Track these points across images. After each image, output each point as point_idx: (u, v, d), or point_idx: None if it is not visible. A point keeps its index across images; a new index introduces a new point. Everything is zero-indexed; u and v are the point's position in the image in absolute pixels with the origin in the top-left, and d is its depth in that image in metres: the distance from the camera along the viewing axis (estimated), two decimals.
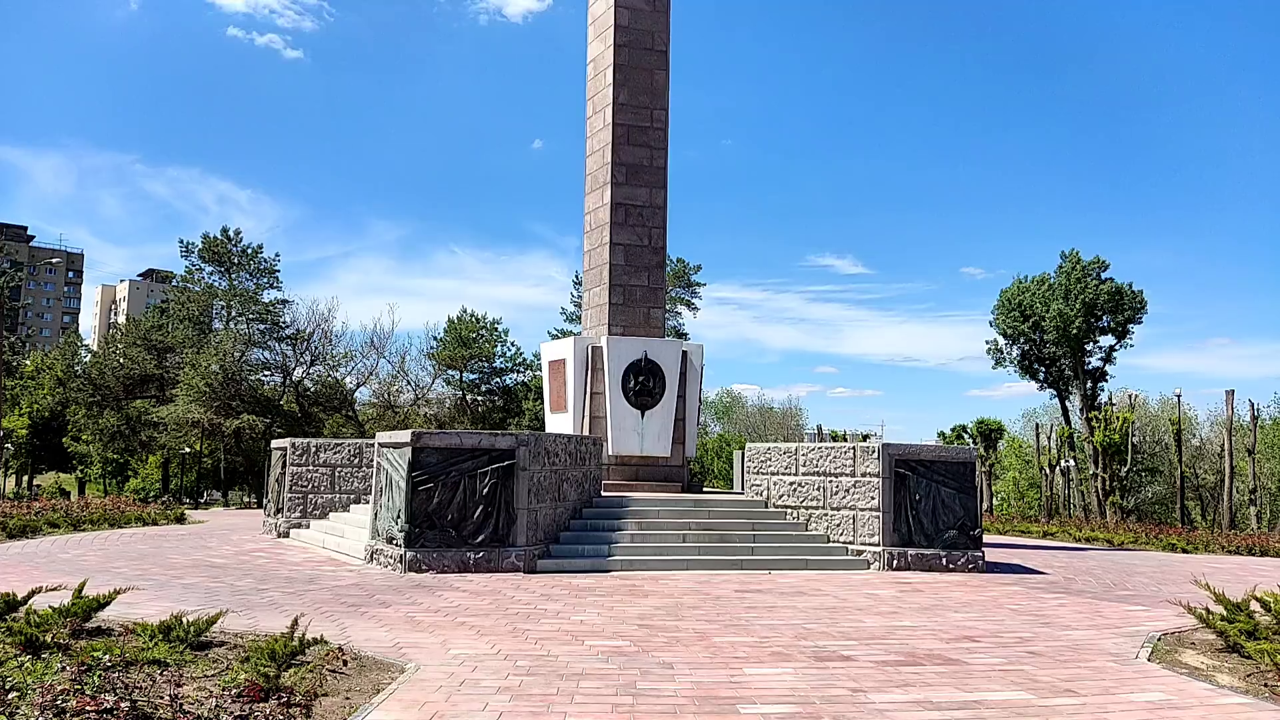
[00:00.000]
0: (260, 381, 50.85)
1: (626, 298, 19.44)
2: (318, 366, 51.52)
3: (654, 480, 18.59)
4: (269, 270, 53.57)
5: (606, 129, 19.59)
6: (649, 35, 19.79)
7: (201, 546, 16.48)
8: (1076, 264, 54.60)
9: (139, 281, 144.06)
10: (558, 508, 14.26)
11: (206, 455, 54.48)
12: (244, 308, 51.86)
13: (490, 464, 13.19)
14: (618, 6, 19.56)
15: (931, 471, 14.86)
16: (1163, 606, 11.14)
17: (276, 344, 51.35)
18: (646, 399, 18.64)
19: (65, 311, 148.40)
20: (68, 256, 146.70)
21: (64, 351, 61.14)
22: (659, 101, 19.80)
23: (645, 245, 19.61)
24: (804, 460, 15.74)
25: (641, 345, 18.74)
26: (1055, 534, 25.40)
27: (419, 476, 12.94)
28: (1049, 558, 18.08)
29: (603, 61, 19.92)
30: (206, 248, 52.85)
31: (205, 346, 48.55)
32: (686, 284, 58.57)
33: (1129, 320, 53.40)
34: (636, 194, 19.58)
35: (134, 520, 22.20)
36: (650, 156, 19.72)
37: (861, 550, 14.71)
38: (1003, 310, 56.64)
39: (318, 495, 18.39)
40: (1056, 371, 55.84)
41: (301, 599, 10.25)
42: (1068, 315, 52.59)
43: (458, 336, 54.77)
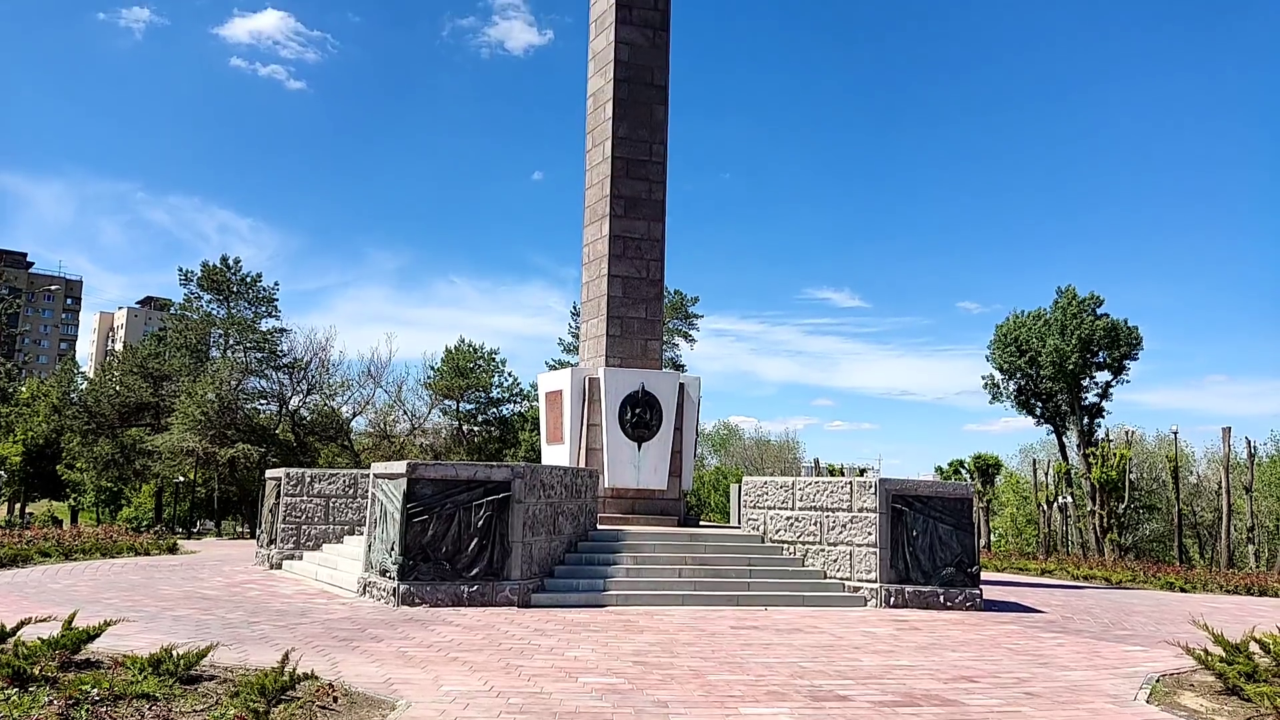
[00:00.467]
0: (256, 410, 50.72)
1: (624, 329, 19.47)
2: (314, 396, 51.42)
3: (650, 513, 18.50)
4: (267, 299, 53.64)
5: (606, 162, 19.73)
6: (648, 70, 19.99)
7: (193, 578, 16.34)
8: (1072, 300, 54.82)
9: (137, 309, 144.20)
10: (553, 541, 14.17)
11: (200, 485, 54.18)
12: (241, 336, 51.86)
13: (485, 496, 13.12)
14: (618, 42, 19.78)
15: (929, 507, 14.80)
16: (1161, 647, 11.06)
17: (273, 373, 51.29)
18: (643, 431, 18.60)
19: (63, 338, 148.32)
20: (66, 283, 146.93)
21: (60, 378, 61.06)
22: (658, 135, 19.95)
23: (643, 277, 19.67)
24: (801, 495, 15.67)
25: (639, 377, 18.74)
26: (1053, 571, 25.26)
27: (414, 508, 12.87)
28: (1047, 596, 17.96)
29: (602, 96, 20.11)
30: (205, 276, 52.95)
31: (202, 375, 48.48)
32: (684, 315, 58.71)
33: (1125, 356, 53.51)
34: (635, 226, 19.68)
35: (126, 550, 22.02)
36: (649, 190, 19.85)
37: (858, 587, 14.60)
38: (999, 345, 56.76)
39: (311, 526, 18.27)
40: (1053, 407, 55.85)
41: (293, 632, 10.15)
42: (1064, 351, 52.70)
43: (455, 366, 54.75)
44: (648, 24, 20.01)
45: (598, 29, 20.61)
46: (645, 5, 20.00)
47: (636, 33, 19.91)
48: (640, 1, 19.96)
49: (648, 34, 20.00)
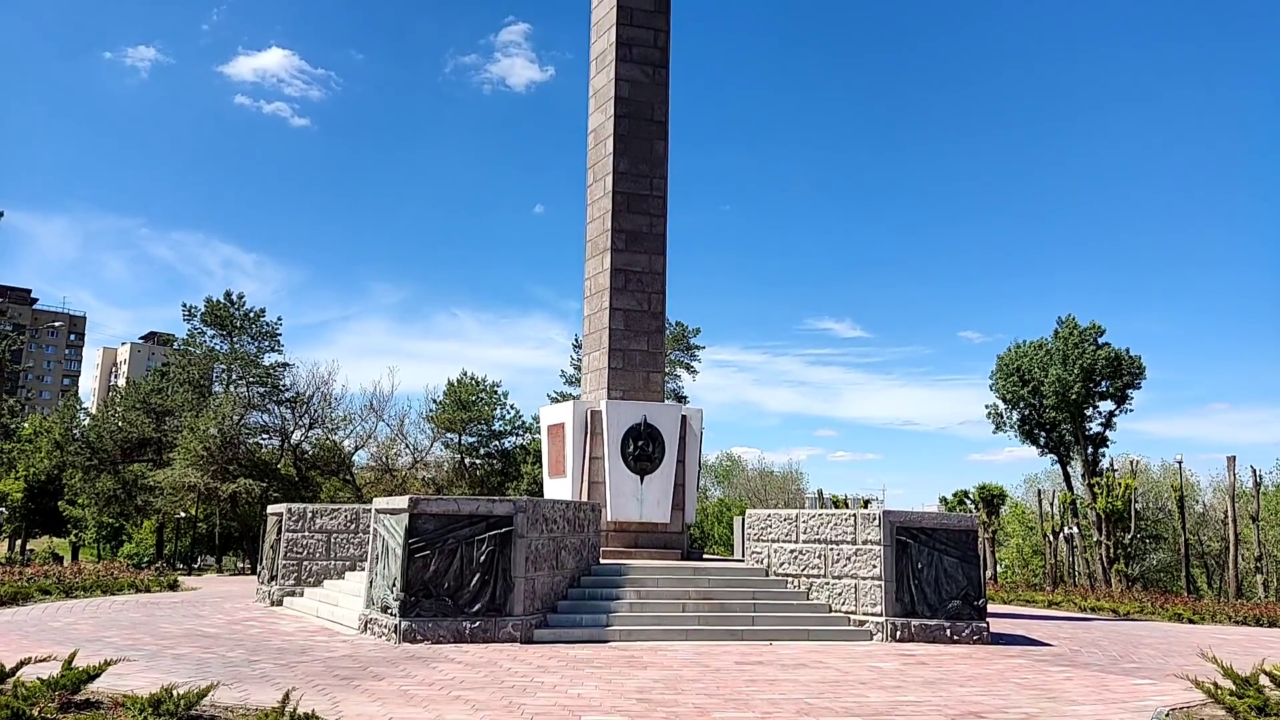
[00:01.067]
0: (258, 445, 50.63)
1: (626, 362, 19.49)
2: (316, 430, 51.37)
3: (653, 547, 18.40)
4: (270, 334, 53.73)
5: (607, 197, 19.87)
6: (648, 106, 20.20)
7: (194, 615, 16.24)
8: (1073, 329, 54.82)
9: (140, 344, 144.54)
10: (555, 576, 14.09)
11: (201, 520, 53.97)
12: (244, 371, 51.92)
13: (488, 530, 13.07)
14: (618, 79, 20.00)
15: (933, 540, 14.72)
16: (1170, 680, 10.94)
17: (276, 407, 51.27)
18: (646, 464, 18.56)
19: (66, 374, 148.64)
20: (70, 319, 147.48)
21: (63, 414, 60.97)
22: (658, 170, 20.11)
23: (645, 310, 19.73)
24: (805, 527, 15.60)
25: (641, 410, 18.73)
26: (1060, 603, 25.05)
27: (415, 543, 12.82)
28: (1054, 629, 17.80)
29: (603, 132, 20.30)
30: (209, 311, 53.10)
31: (204, 410, 48.47)
32: (686, 347, 58.71)
33: (1128, 385, 53.40)
34: (636, 260, 19.77)
35: (127, 587, 21.91)
36: (650, 223, 19.96)
37: (864, 621, 14.49)
38: (1001, 375, 56.69)
39: (312, 562, 18.18)
40: (1057, 437, 55.67)
41: (293, 671, 10.07)
42: (1066, 380, 52.62)
43: (457, 399, 54.70)
44: (647, 61, 20.25)
45: (598, 66, 20.86)
46: (645, 43, 20.26)
47: (636, 70, 20.14)
48: (640, 40, 20.22)
49: (647, 71, 20.23)
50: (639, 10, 20.28)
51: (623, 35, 20.10)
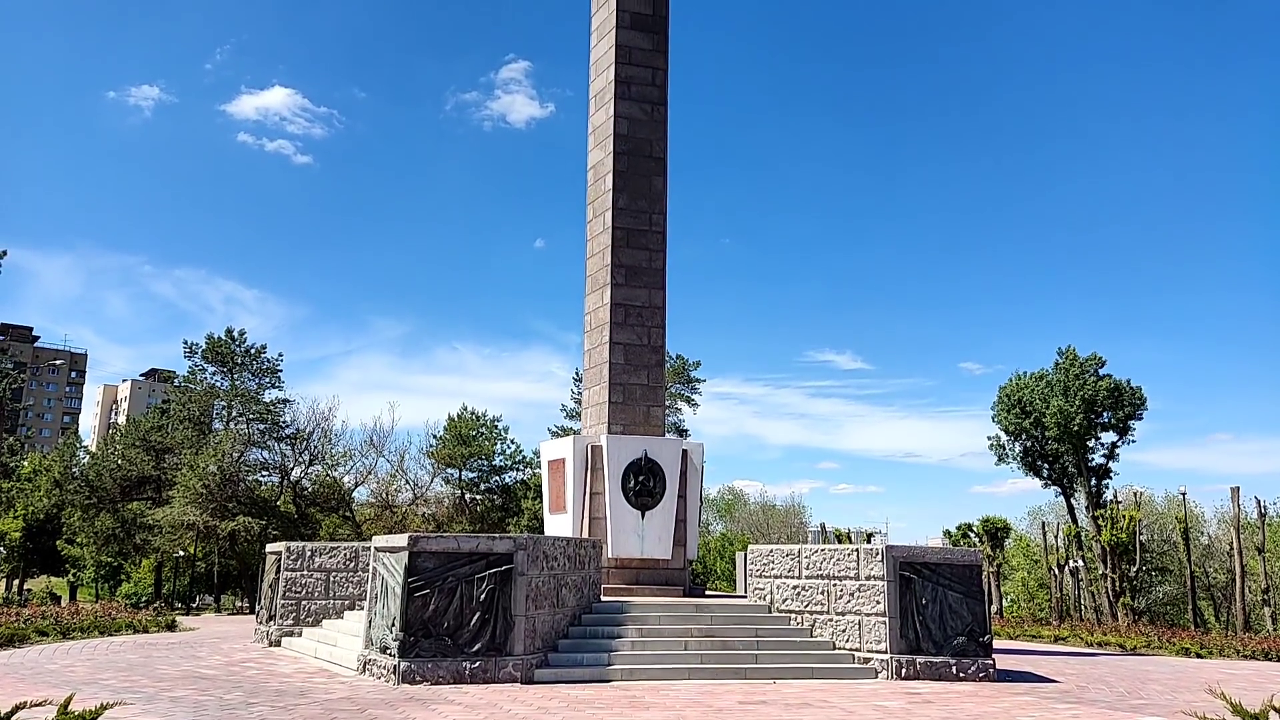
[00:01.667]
0: (258, 482, 50.44)
1: (626, 396, 19.48)
2: (316, 466, 51.21)
3: (655, 584, 18.26)
4: (271, 370, 53.77)
5: (606, 232, 19.97)
6: (647, 143, 20.37)
7: (191, 656, 16.08)
8: (1074, 361, 54.81)
9: (141, 381, 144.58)
10: (556, 614, 13.97)
11: (200, 559, 53.62)
12: (245, 408, 51.87)
13: (488, 568, 12.97)
14: (617, 116, 20.19)
15: (937, 575, 14.60)
16: (1178, 717, 10.79)
17: (276, 444, 51.16)
18: (647, 499, 18.47)
19: (66, 411, 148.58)
20: (71, 356, 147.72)
21: (62, 453, 60.80)
22: (657, 206, 20.24)
23: (645, 344, 19.75)
24: (807, 563, 15.48)
25: (641, 444, 18.68)
26: (1066, 638, 24.80)
27: (415, 582, 12.71)
28: (1061, 664, 17.61)
29: (603, 168, 20.45)
30: (210, 348, 53.18)
31: (204, 447, 48.37)
32: (686, 380, 58.67)
33: (1129, 417, 53.27)
34: (636, 295, 19.83)
35: (124, 627, 21.72)
36: (649, 258, 20.05)
37: (869, 658, 14.32)
38: (1003, 407, 56.59)
39: (311, 601, 18.02)
40: (1060, 468, 55.43)
41: (291, 714, 9.95)
42: (1068, 412, 52.51)
43: (457, 434, 54.58)
44: (646, 99, 20.45)
45: (597, 104, 21.06)
46: (643, 81, 20.48)
47: (635, 107, 20.34)
48: (638, 78, 20.45)
49: (646, 108, 20.43)
50: (637, 50, 20.53)
51: (621, 74, 20.33)
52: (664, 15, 20.89)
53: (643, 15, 20.68)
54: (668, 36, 20.88)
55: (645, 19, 20.69)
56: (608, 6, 20.83)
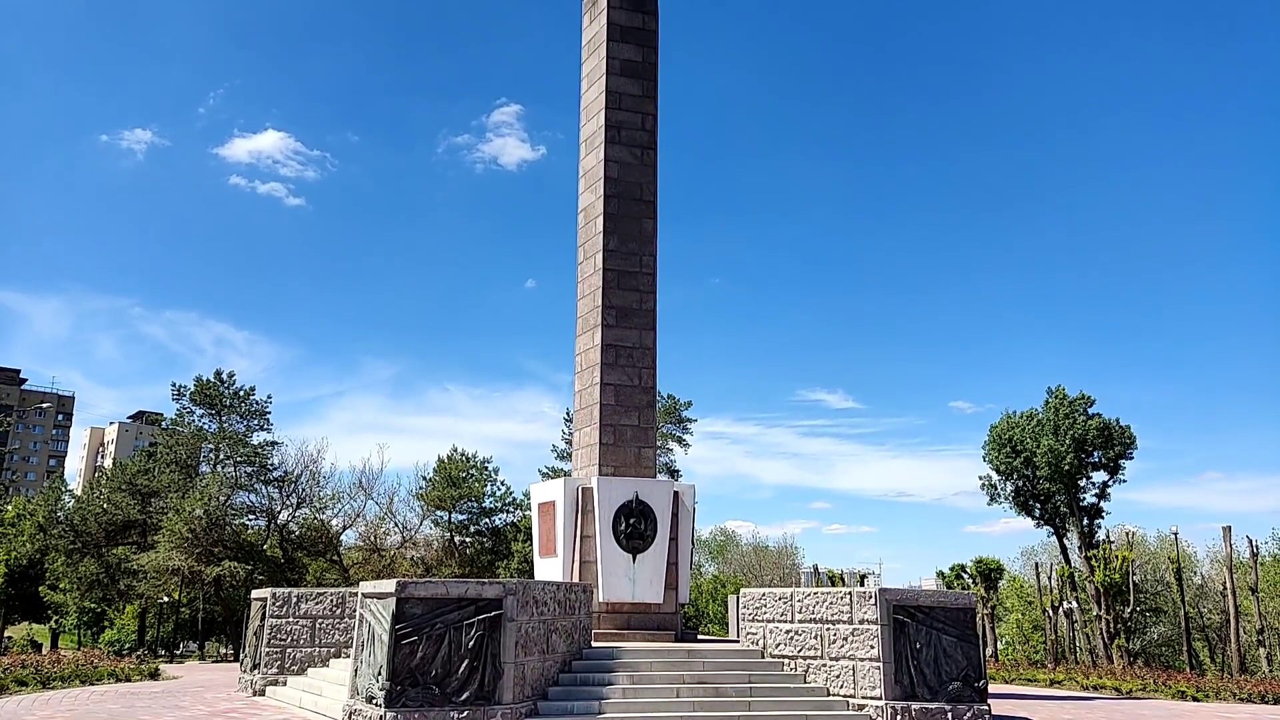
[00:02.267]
0: (244, 526, 49.87)
1: (617, 437, 19.40)
2: (304, 509, 50.68)
3: (646, 629, 18.04)
4: (260, 412, 53.42)
5: (597, 274, 20.04)
6: (637, 186, 20.53)
7: (174, 706, 15.75)
8: (1063, 400, 54.94)
9: (128, 424, 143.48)
10: (546, 660, 13.75)
11: (185, 605, 52.83)
12: (232, 450, 51.44)
13: (477, 614, 12.79)
14: (607, 160, 20.36)
15: (931, 618, 14.46)
16: None
17: (263, 486, 50.64)
18: (638, 542, 18.31)
19: (52, 454, 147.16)
20: (58, 399, 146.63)
21: (47, 496, 60.05)
22: (647, 248, 20.33)
23: (635, 385, 19.72)
24: (800, 606, 15.32)
25: (632, 486, 18.56)
26: (1062, 681, 24.55)
27: (402, 629, 12.51)
28: (1057, 709, 17.40)
29: (593, 211, 20.57)
30: (198, 390, 52.84)
31: (190, 491, 47.87)
32: (677, 420, 58.52)
33: (1120, 456, 53.30)
34: (626, 335, 19.85)
35: (106, 676, 21.29)
36: (640, 299, 20.10)
37: (863, 705, 14.12)
38: (993, 446, 56.57)
39: (297, 649, 17.72)
40: (1052, 508, 55.29)
41: None
42: (1059, 451, 52.53)
43: (447, 476, 54.17)
44: (636, 143, 20.65)
45: (588, 148, 21.25)
46: (633, 126, 20.69)
47: (625, 151, 20.52)
48: (628, 123, 20.66)
49: (636, 152, 20.62)
50: (627, 95, 20.77)
51: (612, 119, 20.54)
52: (653, 63, 21.17)
53: (632, 62, 20.96)
54: (657, 82, 21.15)
55: (635, 66, 20.96)
56: (598, 54, 21.11)
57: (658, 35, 21.35)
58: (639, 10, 21.24)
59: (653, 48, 21.23)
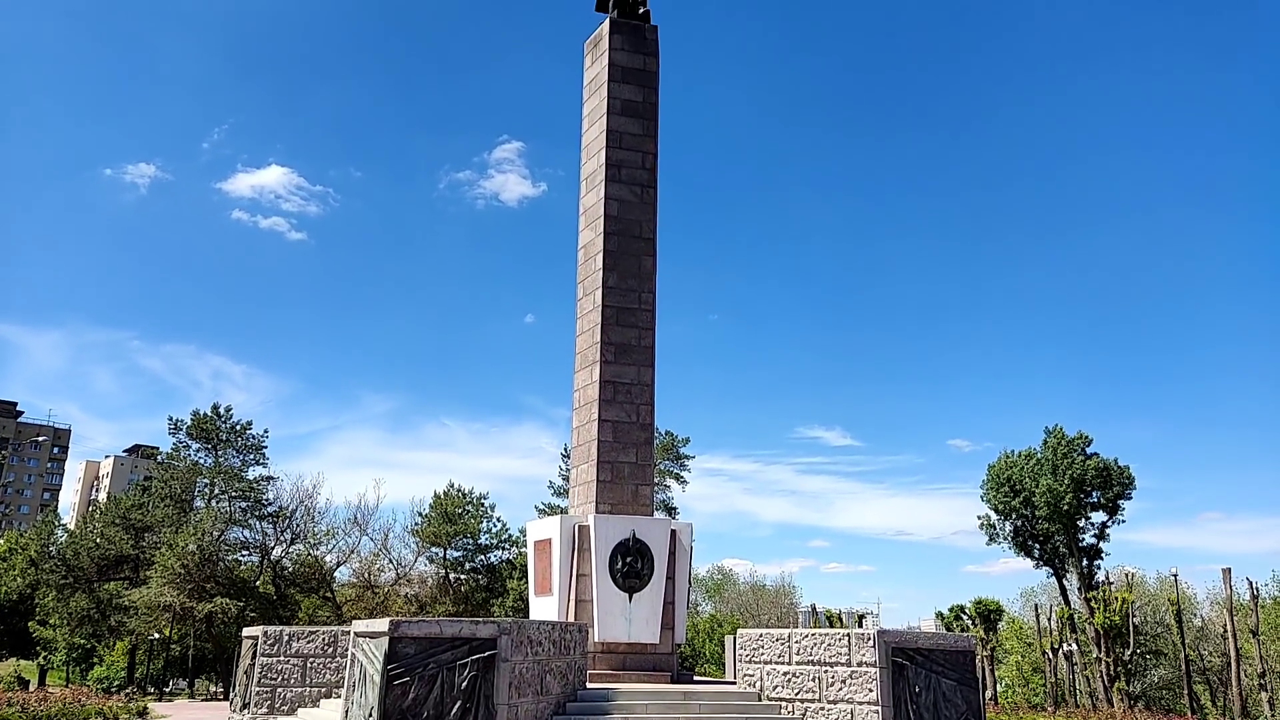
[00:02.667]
0: (237, 562, 49.44)
1: (615, 474, 19.30)
2: (298, 545, 50.29)
3: (642, 669, 17.81)
4: (256, 447, 53.21)
5: (596, 310, 20.07)
6: (637, 224, 20.63)
7: None
8: (1061, 439, 54.86)
9: (124, 457, 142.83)
10: (539, 702, 13.56)
11: (176, 641, 52.22)
12: (227, 485, 51.15)
13: (470, 654, 12.63)
14: (607, 198, 20.50)
15: (931, 661, 14.30)
16: None
17: (257, 522, 50.31)
18: (634, 581, 18.13)
19: (47, 488, 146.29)
20: (54, 432, 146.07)
21: (40, 531, 59.56)
22: (646, 285, 20.39)
23: (634, 422, 19.67)
24: (798, 648, 15.15)
25: (629, 524, 18.43)
26: None
27: (394, 669, 12.35)
28: None
29: (593, 248, 20.66)
30: (195, 424, 52.68)
31: (184, 526, 47.53)
32: (675, 456, 58.36)
33: (1119, 496, 53.12)
34: (625, 372, 19.83)
35: (94, 715, 21.00)
36: (638, 336, 20.11)
37: None
38: (992, 485, 56.38)
39: (287, 689, 17.48)
40: (1051, 548, 54.99)
41: None
42: (1057, 491, 52.35)
43: (443, 512, 53.84)
44: (636, 182, 20.80)
45: (589, 186, 21.40)
46: (633, 165, 20.86)
47: (625, 190, 20.66)
48: (629, 162, 20.82)
49: (636, 190, 20.76)
50: (628, 135, 20.96)
51: (612, 157, 20.71)
52: (654, 103, 21.39)
53: (633, 102, 21.18)
54: (657, 121, 21.35)
55: (635, 105, 21.18)
56: (599, 94, 21.34)
57: (658, 76, 21.60)
58: (640, 52, 21.50)
59: (653, 88, 21.46)
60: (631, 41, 21.46)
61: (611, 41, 21.26)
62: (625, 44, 21.39)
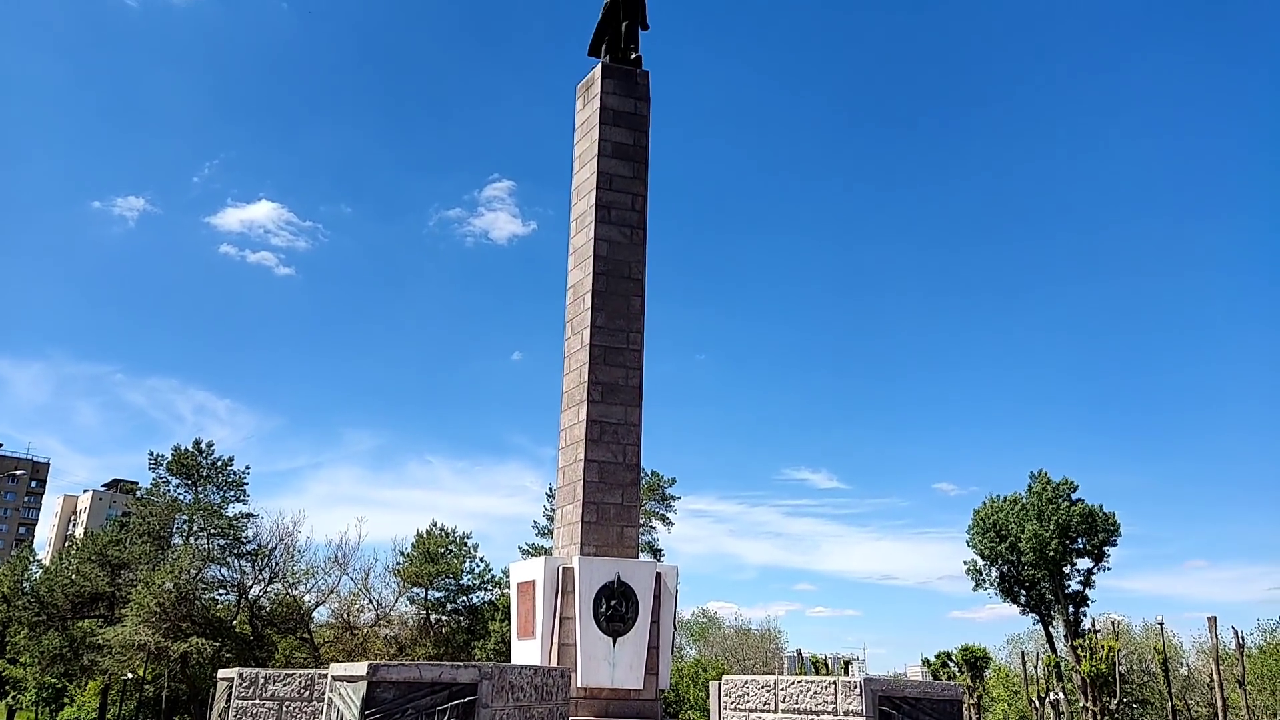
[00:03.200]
0: (214, 600, 48.66)
1: (600, 516, 19.12)
2: (276, 584, 49.56)
3: (625, 715, 17.49)
4: (237, 483, 52.67)
5: (584, 350, 20.03)
6: (626, 265, 20.68)
7: None
8: (1046, 485, 54.99)
9: (102, 492, 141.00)
10: None
11: (150, 682, 51.17)
12: (206, 522, 50.49)
13: (449, 700, 12.35)
14: (597, 239, 20.56)
15: (918, 710, 14.09)
16: None
17: (236, 560, 49.61)
18: (619, 625, 17.88)
19: (23, 522, 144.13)
20: (33, 465, 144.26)
21: (14, 566, 58.55)
22: (635, 325, 20.38)
23: (620, 463, 19.53)
24: (783, 695, 14.92)
25: (614, 567, 18.21)
26: None
27: (372, 714, 12.05)
28: None
29: (582, 288, 20.69)
30: (176, 460, 52.15)
31: (161, 563, 46.81)
32: (661, 497, 58.10)
33: (1104, 543, 53.17)
34: (612, 412, 19.74)
35: None
36: (626, 376, 20.05)
37: None
38: (978, 530, 56.34)
39: None
40: (1037, 595, 54.84)
41: None
42: (1043, 536, 52.33)
43: (425, 551, 53.26)
44: (625, 223, 20.89)
45: (578, 226, 21.48)
46: (623, 206, 20.96)
47: (615, 230, 20.74)
48: (619, 203, 20.93)
49: (625, 231, 20.84)
50: (618, 176, 21.09)
51: (602, 199, 20.81)
52: (644, 145, 21.56)
53: (624, 145, 21.34)
54: (648, 164, 21.50)
55: (626, 148, 21.34)
56: (590, 136, 21.51)
57: (649, 119, 21.80)
58: (631, 96, 21.72)
59: (644, 131, 21.65)
60: (623, 86, 21.68)
61: (603, 85, 21.47)
62: (617, 88, 21.61)
